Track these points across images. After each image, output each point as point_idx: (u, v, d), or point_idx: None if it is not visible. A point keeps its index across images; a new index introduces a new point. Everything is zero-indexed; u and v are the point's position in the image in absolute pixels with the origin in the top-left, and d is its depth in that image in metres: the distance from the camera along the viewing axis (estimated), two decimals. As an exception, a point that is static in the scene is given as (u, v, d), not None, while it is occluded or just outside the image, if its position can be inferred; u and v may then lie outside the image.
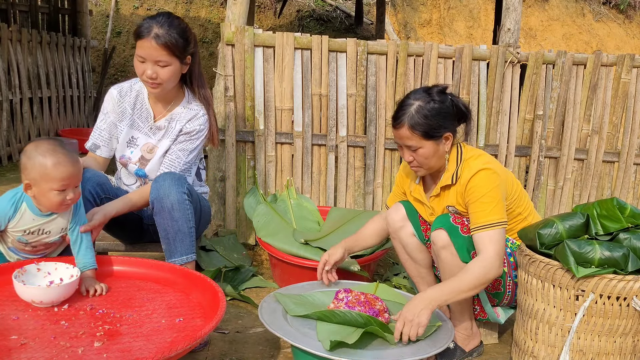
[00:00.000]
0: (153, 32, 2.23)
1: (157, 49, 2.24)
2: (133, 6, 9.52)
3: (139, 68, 2.29)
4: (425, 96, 2.13)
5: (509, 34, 3.52)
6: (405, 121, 2.10)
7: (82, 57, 6.82)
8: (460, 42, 10.14)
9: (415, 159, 2.16)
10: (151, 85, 2.31)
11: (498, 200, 2.08)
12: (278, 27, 9.78)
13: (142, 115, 2.48)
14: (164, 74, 2.29)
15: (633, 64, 3.45)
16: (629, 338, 1.99)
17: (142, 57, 2.26)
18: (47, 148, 1.93)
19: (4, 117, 5.14)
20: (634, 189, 3.60)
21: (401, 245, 2.36)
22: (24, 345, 1.65)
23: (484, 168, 2.11)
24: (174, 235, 2.27)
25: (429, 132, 2.10)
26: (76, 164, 1.97)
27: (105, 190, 2.38)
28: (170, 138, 2.45)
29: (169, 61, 2.28)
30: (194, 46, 2.38)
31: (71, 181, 1.95)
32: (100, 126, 2.50)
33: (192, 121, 2.44)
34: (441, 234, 2.14)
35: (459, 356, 2.27)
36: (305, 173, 3.42)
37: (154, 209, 2.26)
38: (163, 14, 2.32)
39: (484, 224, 2.07)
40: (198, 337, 1.66)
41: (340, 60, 3.34)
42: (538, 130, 3.46)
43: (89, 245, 2.10)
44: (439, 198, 2.24)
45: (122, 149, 2.50)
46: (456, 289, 2.00)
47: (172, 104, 2.46)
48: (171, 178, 2.26)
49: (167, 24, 2.26)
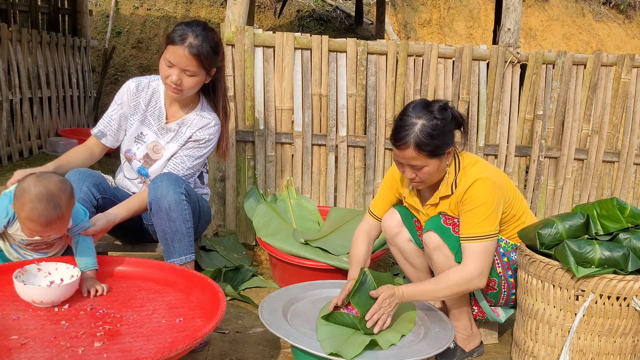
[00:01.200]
0: (188, 41, 2.25)
1: (189, 58, 2.26)
2: (133, 6, 9.52)
3: (165, 71, 2.31)
4: (427, 113, 2.05)
5: (509, 34, 3.52)
6: (411, 142, 2.02)
7: (82, 57, 6.82)
8: (460, 42, 10.14)
9: (418, 176, 2.11)
10: (173, 90, 2.33)
11: (491, 211, 2.07)
12: (278, 27, 9.78)
13: (155, 114, 2.50)
14: (188, 83, 2.32)
15: (633, 64, 3.45)
16: (629, 338, 1.99)
17: (171, 62, 2.28)
18: (34, 196, 1.86)
19: (4, 117, 5.14)
20: (634, 189, 3.60)
21: (398, 251, 2.36)
22: (24, 345, 1.65)
23: (480, 178, 2.08)
24: (172, 236, 2.27)
25: (435, 151, 2.05)
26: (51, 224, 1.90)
27: (101, 190, 2.38)
28: (178, 142, 2.46)
29: (196, 71, 2.31)
30: (221, 60, 2.41)
31: (41, 234, 1.95)
32: (112, 115, 2.51)
33: (203, 129, 2.45)
34: (432, 235, 2.14)
35: (459, 356, 2.27)
36: (305, 173, 3.42)
37: (152, 210, 2.27)
38: (200, 23, 2.34)
39: (473, 236, 2.07)
40: (198, 337, 1.66)
41: (340, 60, 3.34)
42: (538, 130, 3.46)
43: (90, 245, 2.10)
44: (435, 207, 2.23)
45: (129, 143, 2.51)
46: (432, 292, 2.10)
47: (187, 109, 2.48)
48: (168, 179, 2.27)
49: (202, 36, 2.28)
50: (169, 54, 2.28)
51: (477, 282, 2.07)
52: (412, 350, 1.91)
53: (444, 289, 2.07)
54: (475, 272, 2.06)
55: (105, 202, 2.39)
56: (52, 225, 1.91)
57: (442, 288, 2.07)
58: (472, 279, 2.06)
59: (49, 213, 1.88)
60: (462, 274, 2.06)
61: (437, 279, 2.10)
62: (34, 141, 5.65)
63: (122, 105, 2.51)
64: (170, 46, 2.28)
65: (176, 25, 2.34)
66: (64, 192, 1.93)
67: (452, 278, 2.07)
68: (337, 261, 2.69)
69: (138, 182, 2.54)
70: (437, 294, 2.10)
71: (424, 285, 2.11)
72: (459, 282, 2.06)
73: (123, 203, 2.34)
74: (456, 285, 2.06)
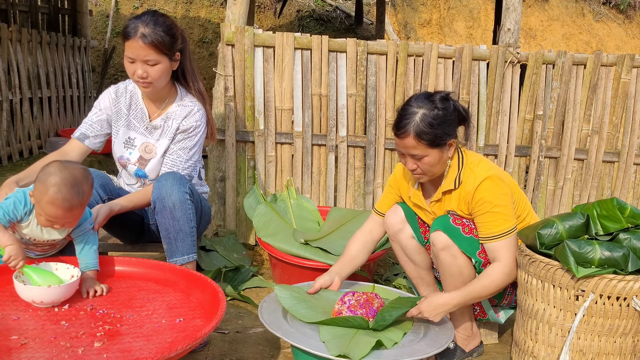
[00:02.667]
0: (139, 31, 2.24)
1: (145, 48, 2.25)
2: (133, 6, 9.52)
3: (130, 68, 2.30)
4: (428, 103, 2.08)
5: (509, 34, 3.52)
6: (411, 130, 2.05)
7: (82, 57, 6.82)
8: (460, 42, 10.14)
9: (419, 167, 2.12)
10: (143, 84, 2.32)
11: (507, 207, 2.10)
12: (278, 27, 9.78)
13: (137, 116, 2.49)
14: (154, 73, 2.30)
15: (633, 64, 3.45)
16: (629, 338, 1.99)
17: (131, 57, 2.27)
18: (60, 180, 1.88)
19: (4, 117, 5.14)
20: (634, 189, 3.60)
21: (400, 247, 2.36)
22: (24, 345, 1.65)
23: (489, 176, 2.10)
24: (175, 235, 2.27)
25: (435, 140, 2.06)
26: (72, 210, 1.91)
27: (107, 191, 2.41)
28: (167, 137, 2.45)
29: (157, 59, 2.29)
30: (182, 42, 2.39)
31: (58, 221, 1.93)
32: (92, 119, 2.49)
33: (187, 118, 2.44)
34: (441, 235, 2.14)
35: (459, 356, 2.27)
36: (305, 173, 3.42)
37: (156, 209, 2.27)
38: (148, 12, 2.32)
39: (499, 234, 2.11)
40: (198, 337, 1.66)
41: (340, 60, 3.34)
42: (538, 130, 3.46)
43: (93, 246, 2.10)
44: (440, 203, 2.23)
45: (120, 150, 2.50)
46: (480, 291, 2.11)
47: (166, 102, 2.47)
48: (173, 178, 2.27)
49: (152, 22, 2.26)
50: (127, 50, 2.28)
51: (515, 272, 2.14)
52: (412, 350, 1.91)
53: (492, 285, 2.10)
54: (513, 263, 2.12)
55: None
56: (74, 211, 1.92)
57: (489, 284, 2.10)
58: (512, 270, 2.12)
59: (72, 198, 1.89)
60: (504, 268, 2.10)
61: (482, 278, 2.11)
62: (34, 141, 5.66)
63: (102, 111, 2.49)
64: (127, 42, 2.27)
65: (127, 21, 2.33)
66: (87, 180, 1.96)
67: (496, 274, 2.10)
68: (337, 261, 2.68)
69: (138, 187, 2.54)
70: (486, 292, 2.12)
71: (471, 287, 2.12)
72: (503, 276, 2.10)
73: (127, 195, 2.38)
74: (502, 280, 2.10)
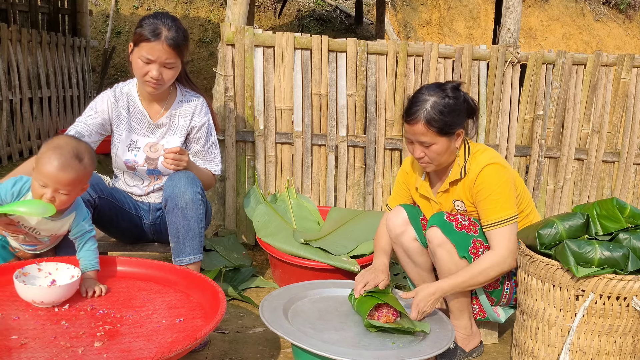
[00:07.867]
0: (164, 35, 2.25)
1: (169, 52, 2.27)
2: (133, 6, 9.52)
3: (142, 69, 2.29)
4: (439, 92, 2.12)
5: (509, 34, 3.52)
6: (421, 117, 2.08)
7: (82, 57, 6.83)
8: (460, 42, 10.14)
9: (426, 155, 2.15)
10: (153, 85, 2.32)
11: (508, 194, 2.11)
12: (278, 27, 9.78)
13: (137, 118, 2.49)
14: (168, 75, 2.33)
15: (633, 64, 3.45)
16: (629, 338, 2.00)
17: (150, 58, 2.27)
18: (57, 145, 1.93)
19: (4, 117, 5.14)
20: (634, 189, 3.60)
21: (402, 249, 2.36)
22: (25, 345, 1.65)
23: (491, 162, 2.12)
24: (185, 234, 2.27)
25: (444, 128, 2.10)
26: (66, 171, 1.90)
27: (98, 191, 2.37)
28: (177, 134, 2.46)
29: (175, 62, 2.32)
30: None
31: (50, 182, 1.91)
32: (87, 120, 2.44)
33: (198, 114, 2.48)
34: (436, 231, 2.15)
35: (459, 356, 2.27)
36: (305, 173, 3.42)
37: (167, 207, 2.27)
38: (164, 15, 2.33)
39: (495, 221, 2.11)
40: (198, 337, 1.66)
41: (340, 60, 3.34)
42: (538, 130, 3.46)
43: (93, 246, 2.10)
44: (447, 193, 2.25)
45: (123, 154, 2.48)
46: (469, 280, 2.11)
47: (167, 101, 2.48)
48: (186, 177, 2.28)
49: (174, 27, 2.29)
50: (144, 50, 2.26)
51: (510, 262, 2.13)
52: (412, 351, 1.91)
53: (480, 274, 2.10)
54: (506, 252, 2.11)
55: (102, 203, 2.37)
56: (67, 172, 1.90)
57: (478, 273, 2.10)
58: (505, 259, 2.11)
59: (68, 159, 1.91)
60: (495, 257, 2.10)
61: (472, 267, 2.12)
62: (34, 141, 5.66)
63: (98, 114, 2.45)
64: (145, 43, 2.26)
65: (142, 21, 2.31)
66: (89, 154, 1.99)
67: (486, 262, 2.10)
68: (337, 261, 2.69)
69: (143, 186, 2.53)
70: (475, 281, 2.12)
71: (460, 276, 2.12)
72: (493, 264, 2.10)
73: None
74: (491, 268, 2.10)
